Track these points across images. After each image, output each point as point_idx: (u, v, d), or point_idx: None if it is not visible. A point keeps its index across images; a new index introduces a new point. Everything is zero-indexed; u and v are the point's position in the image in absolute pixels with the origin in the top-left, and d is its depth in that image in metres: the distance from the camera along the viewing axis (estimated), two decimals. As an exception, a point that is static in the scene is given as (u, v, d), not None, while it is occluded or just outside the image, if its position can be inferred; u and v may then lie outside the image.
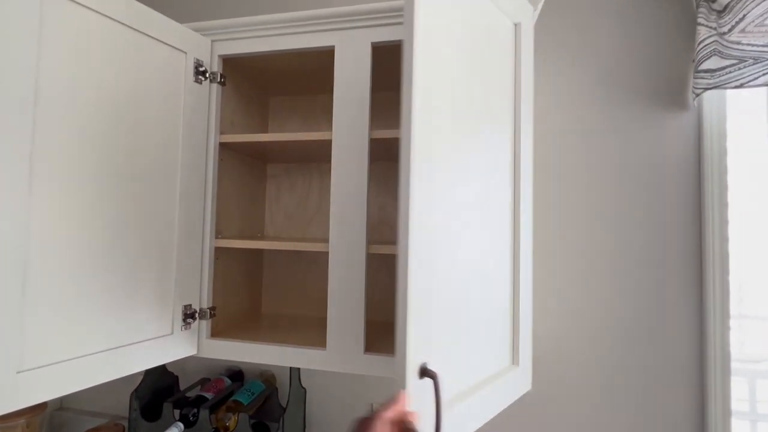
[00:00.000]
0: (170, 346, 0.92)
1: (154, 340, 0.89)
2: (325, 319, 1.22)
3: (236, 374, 1.28)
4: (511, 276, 0.82)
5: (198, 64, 0.98)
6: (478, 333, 0.72)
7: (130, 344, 0.84)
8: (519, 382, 0.80)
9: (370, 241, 0.95)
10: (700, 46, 0.98)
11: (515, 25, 0.86)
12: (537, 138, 1.15)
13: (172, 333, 0.93)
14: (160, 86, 0.90)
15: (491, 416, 0.72)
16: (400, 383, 0.54)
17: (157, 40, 0.89)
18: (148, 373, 1.19)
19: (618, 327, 1.08)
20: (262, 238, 1.25)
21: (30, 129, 0.68)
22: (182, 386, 1.33)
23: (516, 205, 0.83)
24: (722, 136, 1.04)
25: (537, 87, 1.16)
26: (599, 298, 1.10)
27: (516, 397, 0.80)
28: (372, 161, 1.09)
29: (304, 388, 1.17)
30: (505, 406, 0.77)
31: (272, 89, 1.27)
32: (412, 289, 0.56)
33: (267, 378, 1.26)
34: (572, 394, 1.10)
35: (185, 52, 0.95)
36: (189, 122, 0.96)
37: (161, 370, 1.23)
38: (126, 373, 0.83)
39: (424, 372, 0.56)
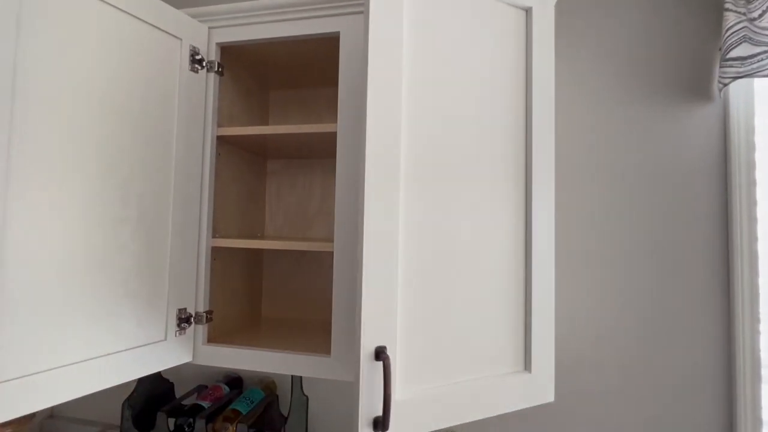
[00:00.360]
0: (163, 353, 0.86)
1: (146, 347, 0.83)
2: (329, 323, 1.15)
3: (235, 381, 1.22)
4: (522, 278, 0.75)
5: (194, 52, 0.92)
6: (463, 331, 0.69)
7: (119, 352, 0.78)
8: (531, 391, 0.74)
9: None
10: (729, 32, 0.92)
11: (525, 11, 0.79)
12: (552, 132, 1.10)
13: (165, 339, 0.87)
14: (153, 75, 0.84)
15: (476, 418, 0.69)
16: (357, 363, 0.60)
17: (150, 24, 0.83)
18: (142, 380, 1.13)
19: (640, 333, 1.02)
20: (262, 237, 1.19)
21: (7, 121, 0.62)
22: (178, 393, 1.27)
23: (528, 204, 0.76)
24: (750, 129, 0.98)
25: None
26: (620, 302, 1.04)
27: (524, 406, 0.73)
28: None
29: (306, 396, 1.11)
30: (505, 411, 0.72)
31: (273, 81, 1.21)
32: (368, 280, 0.61)
33: (267, 385, 1.20)
34: (593, 403, 1.04)
35: (180, 39, 0.89)
36: (184, 114, 0.90)
37: (155, 376, 1.17)
38: (115, 383, 0.77)
39: (379, 355, 0.59)
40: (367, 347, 0.60)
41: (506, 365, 0.74)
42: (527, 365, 0.75)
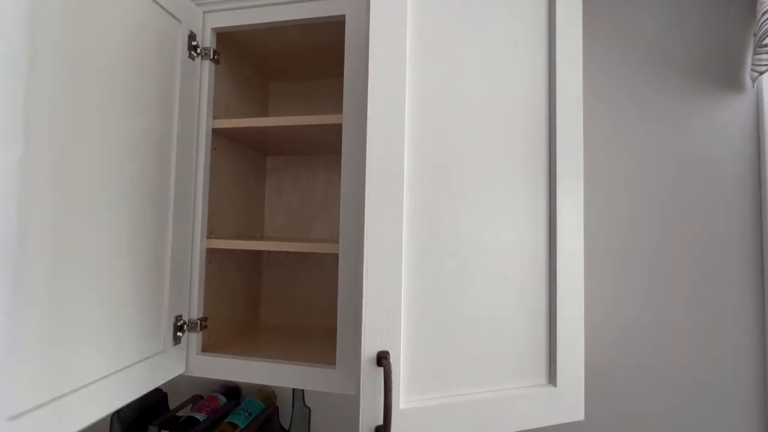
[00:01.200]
0: (157, 367, 0.79)
1: (145, 362, 0.75)
2: (333, 330, 1.08)
3: (232, 391, 1.14)
4: (545, 281, 0.68)
5: (192, 37, 0.85)
6: (476, 339, 0.64)
7: (114, 373, 0.69)
8: (556, 407, 0.67)
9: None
10: (765, 16, 0.85)
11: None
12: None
13: (163, 350, 0.79)
14: (153, 58, 0.76)
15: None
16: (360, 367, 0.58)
17: (155, 2, 0.75)
18: (133, 390, 1.05)
19: (670, 338, 0.95)
20: (261, 238, 1.12)
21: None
22: (172, 405, 1.19)
23: (551, 202, 0.69)
24: (785, 121, 0.91)
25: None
26: (649, 306, 0.96)
27: (549, 423, 0.66)
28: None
29: (308, 408, 1.04)
30: (524, 428, 0.64)
31: (272, 72, 1.14)
32: (370, 282, 0.58)
33: (267, 396, 1.12)
34: (624, 417, 0.97)
35: (180, 21, 0.82)
36: (183, 104, 0.82)
37: (148, 386, 1.10)
38: (111, 411, 0.68)
39: (380, 360, 0.56)
40: (368, 352, 0.57)
41: (527, 378, 0.67)
42: (551, 378, 0.68)
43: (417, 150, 0.62)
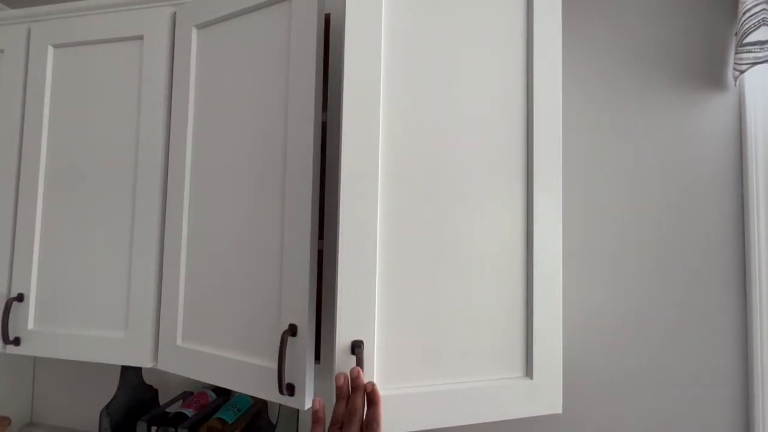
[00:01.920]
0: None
1: None
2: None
3: (222, 387, 1.15)
4: (522, 275, 0.69)
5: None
6: (451, 331, 0.66)
7: None
8: (532, 399, 0.67)
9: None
10: (746, 15, 0.86)
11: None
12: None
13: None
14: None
15: (464, 423, 0.65)
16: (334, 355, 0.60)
17: None
18: (123, 386, 1.06)
19: (651, 337, 0.96)
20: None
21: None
22: (162, 401, 1.20)
23: (529, 196, 0.70)
24: None
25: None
26: (630, 303, 0.97)
27: (525, 415, 0.67)
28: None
29: (296, 404, 1.05)
30: (499, 419, 0.66)
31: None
32: (343, 273, 0.61)
33: (256, 391, 1.13)
34: (601, 409, 0.98)
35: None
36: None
37: (138, 383, 1.11)
38: None
39: (354, 349, 0.59)
40: (342, 340, 0.60)
41: (503, 370, 0.68)
42: (528, 371, 0.69)
43: (391, 148, 0.65)
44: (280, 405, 0.99)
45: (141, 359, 0.83)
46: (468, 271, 0.67)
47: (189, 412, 1.01)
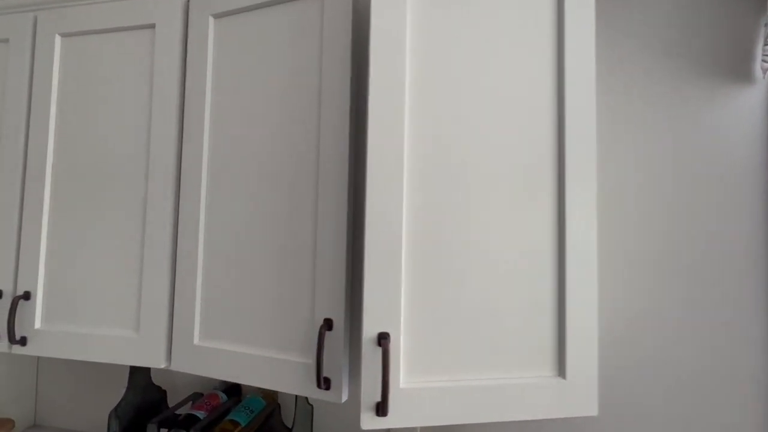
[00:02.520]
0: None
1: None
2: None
3: (232, 388, 1.12)
4: (555, 278, 0.67)
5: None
6: (478, 327, 0.65)
7: None
8: (565, 400, 0.65)
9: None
10: (777, 6, 0.84)
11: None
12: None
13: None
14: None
15: (491, 420, 0.64)
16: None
17: None
18: (132, 387, 1.03)
19: (684, 335, 0.93)
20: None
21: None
22: (171, 403, 1.17)
23: (561, 195, 0.67)
24: (796, 113, 0.90)
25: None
26: (657, 304, 0.95)
27: (557, 416, 0.65)
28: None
29: (311, 405, 1.02)
30: (529, 418, 0.64)
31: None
32: (370, 267, 0.61)
33: (268, 393, 1.10)
34: (637, 416, 0.95)
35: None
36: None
37: (147, 384, 1.08)
38: None
39: (380, 341, 0.59)
40: (369, 332, 0.61)
41: (532, 368, 0.66)
42: (561, 371, 0.66)
43: (418, 144, 0.64)
44: (296, 406, 0.96)
45: (154, 359, 0.80)
46: (495, 268, 0.65)
47: (200, 413, 0.98)
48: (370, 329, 0.61)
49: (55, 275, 0.87)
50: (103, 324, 0.84)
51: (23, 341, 0.86)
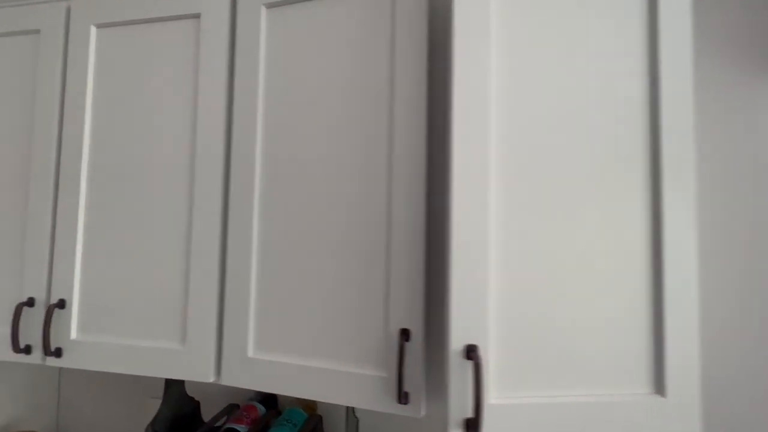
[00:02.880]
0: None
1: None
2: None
3: (268, 399, 1.07)
4: (650, 284, 0.62)
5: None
6: (570, 340, 0.60)
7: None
8: (665, 420, 0.60)
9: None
10: None
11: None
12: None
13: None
14: None
15: None
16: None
17: None
18: (167, 399, 0.98)
19: None
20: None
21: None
22: (205, 413, 1.12)
23: (656, 197, 0.62)
24: None
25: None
26: (755, 311, 0.90)
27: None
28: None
29: (356, 417, 0.97)
30: None
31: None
32: (456, 276, 0.57)
33: (307, 404, 1.05)
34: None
35: None
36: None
37: (181, 394, 1.02)
38: None
39: (469, 354, 0.56)
40: (456, 344, 0.58)
41: (628, 385, 0.61)
42: (659, 388, 0.61)
43: (503, 142, 0.60)
44: (347, 419, 0.91)
45: (202, 373, 0.75)
46: (588, 276, 0.61)
47: (241, 428, 0.93)
48: (456, 341, 0.57)
49: (91, 282, 0.82)
50: (144, 334, 0.79)
51: (58, 352, 0.81)
